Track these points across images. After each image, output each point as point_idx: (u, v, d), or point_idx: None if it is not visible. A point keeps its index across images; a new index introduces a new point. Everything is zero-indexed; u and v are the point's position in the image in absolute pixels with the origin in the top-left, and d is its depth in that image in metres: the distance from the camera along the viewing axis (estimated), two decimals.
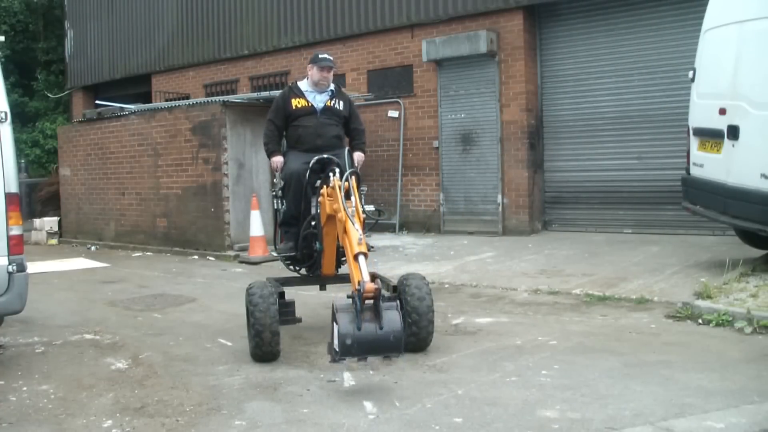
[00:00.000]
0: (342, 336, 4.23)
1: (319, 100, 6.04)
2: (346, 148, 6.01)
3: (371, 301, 4.30)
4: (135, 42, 18.02)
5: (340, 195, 4.98)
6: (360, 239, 4.66)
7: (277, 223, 6.14)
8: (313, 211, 5.63)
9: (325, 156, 5.69)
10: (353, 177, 5.25)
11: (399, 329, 4.31)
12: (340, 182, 5.11)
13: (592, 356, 5.05)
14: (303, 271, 6.07)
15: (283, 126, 6.07)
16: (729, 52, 7.22)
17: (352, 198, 5.07)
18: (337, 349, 4.27)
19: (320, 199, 5.43)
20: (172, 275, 9.69)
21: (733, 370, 4.63)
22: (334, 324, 4.34)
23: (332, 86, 6.16)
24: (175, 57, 17.09)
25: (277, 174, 6.02)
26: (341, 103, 6.13)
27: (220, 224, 11.15)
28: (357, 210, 4.98)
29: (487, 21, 11.66)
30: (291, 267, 6.07)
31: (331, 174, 5.30)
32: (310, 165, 5.67)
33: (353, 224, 4.76)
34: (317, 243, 5.57)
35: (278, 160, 5.98)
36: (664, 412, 3.92)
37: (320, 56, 6.07)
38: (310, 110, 6.00)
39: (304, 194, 5.72)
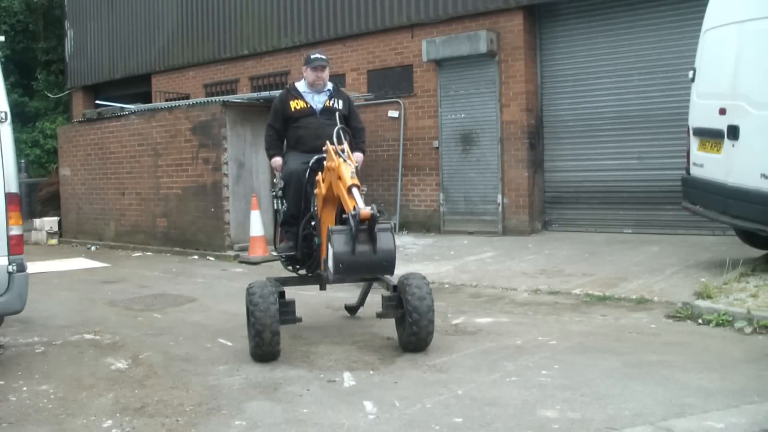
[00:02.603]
0: (336, 258, 4.25)
1: (317, 101, 6.03)
2: (338, 126, 5.71)
3: (365, 226, 4.35)
4: (135, 42, 18.02)
5: (333, 155, 5.02)
6: (353, 173, 4.73)
7: (277, 223, 6.13)
8: (312, 210, 5.63)
9: (324, 155, 5.68)
10: (344, 133, 5.28)
11: (392, 252, 4.39)
12: (332, 146, 5.13)
13: (592, 356, 5.05)
14: (302, 271, 6.05)
15: (283, 129, 6.06)
16: (729, 52, 7.22)
17: (345, 147, 5.10)
18: (332, 270, 4.31)
19: (315, 190, 5.43)
20: (172, 275, 9.69)
21: (733, 370, 4.63)
22: (329, 246, 4.35)
23: (330, 85, 6.16)
24: (175, 57, 17.09)
25: (278, 174, 6.03)
26: (340, 102, 6.12)
27: (220, 224, 11.15)
28: (349, 155, 5.02)
29: (487, 21, 11.66)
30: (289, 267, 6.03)
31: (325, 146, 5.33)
32: (310, 164, 5.67)
33: (345, 161, 4.83)
34: (316, 239, 5.56)
35: (278, 160, 5.99)
36: (664, 412, 3.92)
37: (312, 57, 6.07)
38: (309, 111, 5.99)
39: (303, 194, 5.73)
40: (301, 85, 6.13)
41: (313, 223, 5.60)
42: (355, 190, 4.67)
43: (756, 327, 5.49)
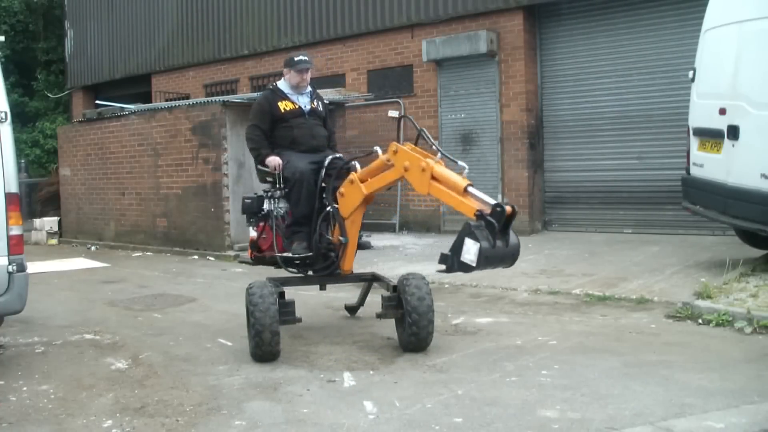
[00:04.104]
0: (483, 252, 4.46)
1: (303, 102, 6.00)
2: (420, 127, 5.66)
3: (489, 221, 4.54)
4: (135, 42, 18.02)
5: (416, 153, 5.01)
6: (466, 172, 4.88)
7: (266, 225, 5.83)
8: (331, 209, 5.57)
9: (338, 155, 5.78)
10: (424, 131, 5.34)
11: (519, 245, 4.68)
12: (399, 146, 5.12)
13: (592, 356, 5.05)
14: (305, 272, 5.90)
15: (269, 130, 5.91)
16: (729, 52, 7.22)
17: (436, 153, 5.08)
18: (474, 264, 4.48)
19: (342, 189, 5.40)
20: (172, 275, 9.69)
21: (733, 370, 4.63)
22: (470, 240, 4.52)
23: (309, 88, 6.13)
24: (175, 57, 17.09)
25: (277, 175, 5.77)
26: (320, 104, 6.13)
27: (220, 224, 11.15)
28: (440, 161, 4.97)
29: (487, 21, 11.66)
30: (291, 269, 5.86)
31: (378, 150, 5.33)
32: (326, 164, 5.65)
33: (437, 161, 4.85)
34: (342, 238, 5.47)
35: (277, 160, 5.75)
36: (664, 412, 3.92)
37: (296, 59, 5.98)
38: (299, 112, 5.94)
39: (317, 194, 5.66)
40: (284, 86, 6.02)
41: (319, 223, 5.58)
42: (473, 189, 4.75)
43: (756, 327, 5.49)
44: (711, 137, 7.45)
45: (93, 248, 13.31)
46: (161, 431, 3.97)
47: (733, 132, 7.04)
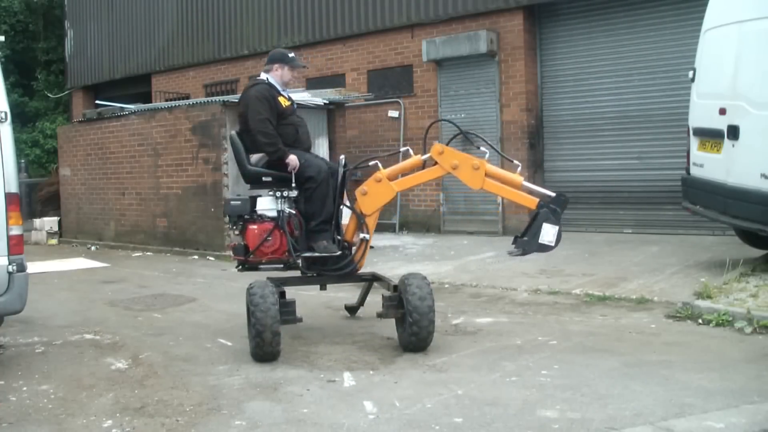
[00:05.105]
0: (560, 233, 5.20)
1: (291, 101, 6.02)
2: (465, 129, 6.30)
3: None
4: (135, 42, 18.02)
5: (461, 153, 5.47)
6: (518, 169, 5.46)
7: (277, 227, 5.53)
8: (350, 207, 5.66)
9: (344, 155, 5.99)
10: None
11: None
12: (445, 146, 5.54)
13: (592, 356, 5.05)
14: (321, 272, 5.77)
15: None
16: (729, 52, 7.22)
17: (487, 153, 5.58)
18: (553, 245, 5.21)
19: (365, 188, 5.47)
20: (172, 275, 9.68)
21: (733, 370, 4.63)
22: (548, 225, 5.18)
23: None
24: (175, 57, 17.09)
25: (293, 173, 5.60)
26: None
27: (220, 224, 11.13)
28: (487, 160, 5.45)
29: (487, 21, 11.67)
30: (308, 273, 5.69)
31: (409, 150, 5.90)
32: (342, 164, 5.71)
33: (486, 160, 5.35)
34: (365, 236, 5.51)
35: (297, 159, 5.61)
36: (664, 412, 3.92)
37: (291, 55, 5.97)
38: (292, 110, 5.93)
39: (335, 193, 5.70)
40: (275, 83, 5.91)
41: (336, 222, 5.64)
42: (527, 183, 5.34)
43: (756, 327, 5.49)
44: (711, 137, 7.45)
45: (93, 248, 13.30)
46: (161, 431, 3.97)
47: (733, 132, 7.04)
